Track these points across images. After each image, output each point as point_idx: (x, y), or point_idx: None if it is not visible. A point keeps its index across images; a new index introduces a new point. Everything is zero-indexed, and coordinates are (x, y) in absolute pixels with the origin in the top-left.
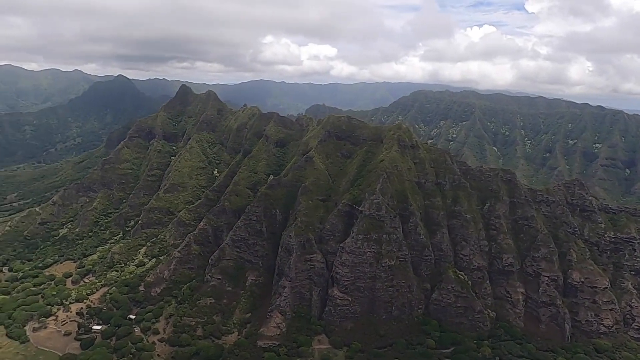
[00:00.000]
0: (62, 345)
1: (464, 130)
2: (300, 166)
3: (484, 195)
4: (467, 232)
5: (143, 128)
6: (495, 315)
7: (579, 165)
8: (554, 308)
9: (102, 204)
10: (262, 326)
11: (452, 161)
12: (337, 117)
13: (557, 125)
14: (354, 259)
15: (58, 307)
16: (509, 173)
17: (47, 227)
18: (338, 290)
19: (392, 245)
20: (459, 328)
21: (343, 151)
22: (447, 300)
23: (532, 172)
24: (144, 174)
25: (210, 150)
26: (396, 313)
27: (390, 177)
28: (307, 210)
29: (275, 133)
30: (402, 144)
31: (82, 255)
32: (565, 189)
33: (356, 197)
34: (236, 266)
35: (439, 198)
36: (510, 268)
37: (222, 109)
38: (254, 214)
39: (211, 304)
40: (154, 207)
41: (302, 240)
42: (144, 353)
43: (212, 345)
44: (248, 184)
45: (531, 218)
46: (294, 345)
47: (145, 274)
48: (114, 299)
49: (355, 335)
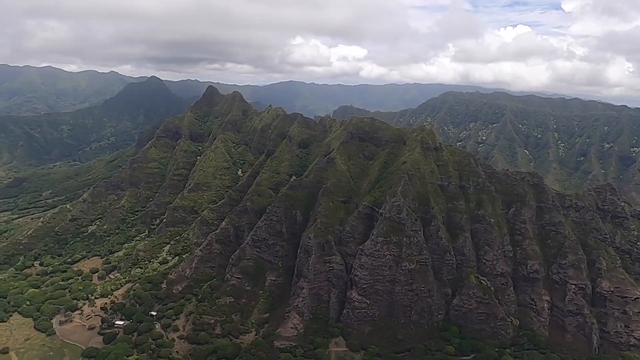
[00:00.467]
0: (85, 338)
1: (494, 133)
2: (321, 167)
3: (510, 199)
4: (491, 236)
5: (170, 128)
6: (518, 324)
7: (614, 169)
8: (581, 318)
9: (129, 202)
10: (280, 327)
11: (476, 164)
12: (360, 119)
13: (592, 128)
14: (373, 262)
15: (84, 301)
16: (536, 177)
17: (77, 224)
18: (356, 293)
19: (412, 248)
20: (480, 335)
21: (365, 152)
22: (468, 306)
23: (565, 176)
24: (169, 173)
25: (235, 150)
26: (415, 318)
27: (412, 179)
28: (327, 211)
29: (298, 134)
30: (425, 145)
31: (108, 251)
32: (596, 194)
33: (377, 199)
34: (256, 266)
35: (462, 201)
36: (536, 275)
37: (247, 109)
38: (274, 215)
39: (230, 303)
40: (178, 206)
41: (321, 241)
42: (162, 349)
43: (229, 344)
44: (270, 185)
45: (559, 224)
46: (310, 347)
47: (167, 271)
48: (137, 295)
49: (373, 339)
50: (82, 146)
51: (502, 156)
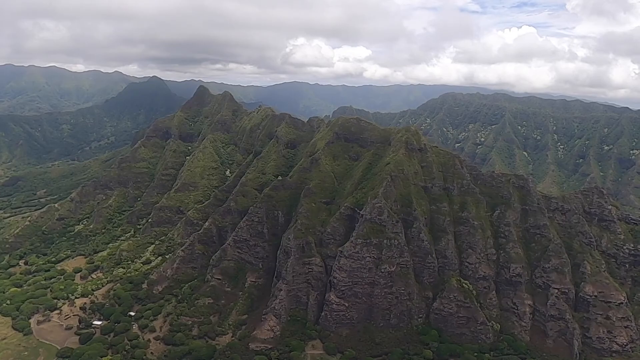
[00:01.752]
0: (62, 338)
1: (493, 134)
2: (305, 168)
3: (495, 201)
4: (474, 239)
5: (160, 128)
6: (499, 328)
7: (613, 172)
8: (562, 322)
9: (117, 202)
10: (256, 329)
11: (461, 165)
12: (346, 119)
13: (592, 130)
14: (352, 264)
15: (64, 301)
16: (521, 179)
17: (64, 223)
18: (335, 296)
19: (393, 250)
20: (460, 339)
21: (351, 153)
22: (448, 309)
23: (564, 179)
24: (158, 173)
25: (224, 150)
26: (394, 321)
27: (395, 180)
28: (308, 212)
29: (285, 134)
30: (409, 146)
31: (93, 251)
32: (583, 197)
33: (359, 201)
34: (237, 267)
35: (446, 203)
36: (518, 279)
37: (237, 109)
38: (256, 215)
39: (209, 304)
40: (164, 205)
41: (301, 243)
42: (137, 350)
43: (204, 346)
44: (256, 185)
45: (544, 227)
46: (286, 350)
47: (150, 271)
48: (117, 296)
49: (351, 342)
50: (82, 145)
51: (499, 158)
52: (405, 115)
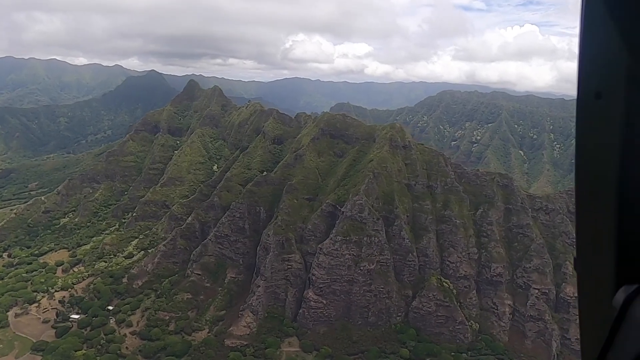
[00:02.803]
0: (38, 332)
1: (489, 133)
2: (289, 164)
3: (478, 200)
4: (456, 238)
5: (149, 122)
6: (478, 328)
7: None
8: (542, 323)
9: (103, 195)
10: (232, 325)
11: (446, 163)
12: (332, 115)
13: None
14: (330, 261)
15: (43, 294)
16: (505, 178)
17: (49, 216)
18: (313, 293)
19: (372, 248)
20: (438, 338)
21: (336, 150)
22: (427, 308)
23: (559, 178)
24: (146, 167)
25: (212, 145)
26: (373, 319)
27: (378, 177)
28: (289, 209)
29: (272, 130)
30: (394, 144)
31: (76, 244)
32: (568, 197)
33: (340, 197)
34: (217, 263)
35: (429, 201)
36: (499, 278)
37: (226, 104)
38: (237, 211)
39: (188, 300)
40: (149, 200)
41: (280, 239)
42: (112, 345)
43: (180, 341)
44: (240, 180)
45: (526, 226)
46: (261, 347)
47: (131, 266)
48: (97, 290)
49: (327, 340)
50: (78, 139)
51: (495, 157)
52: (402, 113)
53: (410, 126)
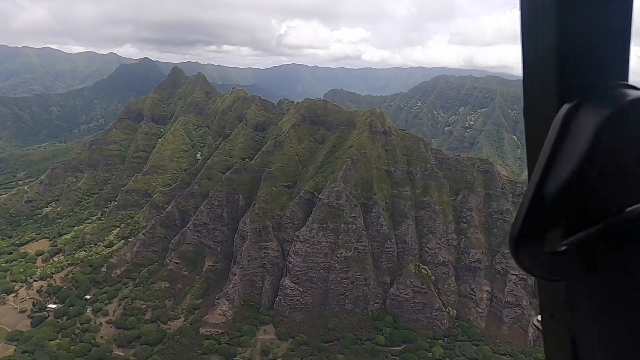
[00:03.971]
0: (14, 321)
1: (482, 118)
2: (268, 151)
3: (459, 186)
4: (435, 224)
5: (133, 110)
6: (455, 314)
7: None
8: (519, 309)
9: (87, 184)
10: (208, 313)
11: (426, 149)
12: (313, 101)
13: None
14: (307, 249)
15: (22, 284)
16: (486, 163)
17: (32, 206)
18: (289, 281)
19: (350, 235)
20: (415, 325)
21: (317, 136)
22: (404, 295)
23: None
24: (129, 156)
25: (196, 133)
26: (350, 306)
27: (357, 164)
28: (267, 196)
29: (255, 116)
30: (373, 129)
31: (57, 234)
32: None
33: (318, 185)
34: (196, 251)
35: (408, 188)
36: (478, 264)
37: (210, 91)
38: (216, 199)
39: (165, 288)
40: (131, 188)
41: (257, 227)
42: (87, 334)
43: (155, 330)
44: (222, 168)
45: (506, 212)
46: (237, 334)
47: (111, 255)
48: (75, 279)
49: (303, 328)
50: (70, 128)
51: (488, 142)
52: (396, 98)
53: (404, 112)
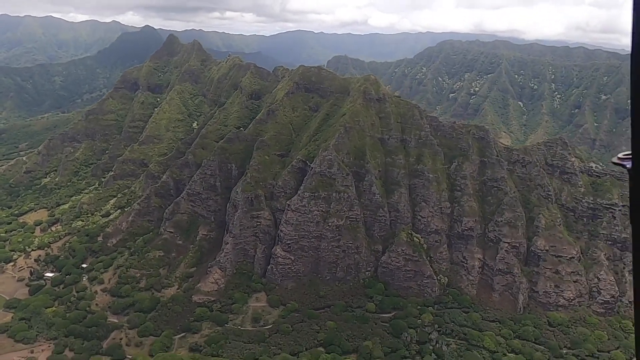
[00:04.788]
0: (13, 290)
1: (488, 84)
2: (262, 119)
3: (453, 153)
4: (428, 192)
5: (129, 79)
6: (447, 282)
7: (608, 122)
8: (510, 277)
9: (84, 155)
10: (201, 281)
11: (421, 116)
12: (307, 68)
13: (591, 79)
14: (298, 217)
15: (20, 253)
16: (482, 130)
17: (31, 176)
18: (281, 249)
19: (342, 204)
20: (406, 293)
21: (311, 104)
22: (396, 263)
23: (557, 130)
24: (126, 126)
25: (192, 102)
26: (341, 274)
27: (350, 132)
28: (260, 165)
29: (249, 84)
30: (367, 97)
31: (56, 204)
32: (546, 149)
33: (311, 153)
34: (190, 220)
35: (402, 156)
36: (470, 232)
37: (206, 59)
38: (209, 168)
39: (159, 257)
40: (127, 158)
41: (249, 196)
42: (82, 302)
43: (148, 298)
44: (216, 137)
45: (501, 179)
46: (229, 302)
47: (107, 224)
48: (72, 248)
49: (295, 295)
50: (73, 98)
51: (492, 109)
52: (401, 65)
53: (409, 78)
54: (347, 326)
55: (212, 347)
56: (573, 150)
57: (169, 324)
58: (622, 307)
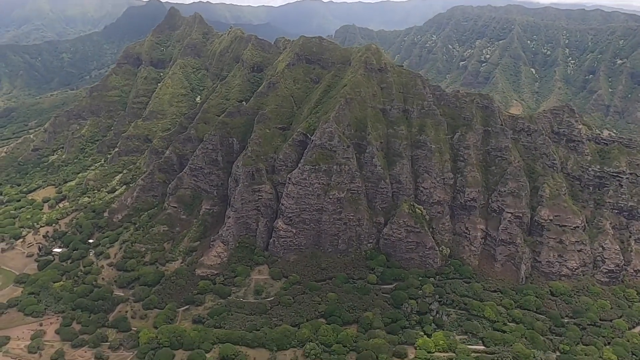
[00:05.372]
0: (22, 265)
1: (499, 50)
2: (262, 92)
3: (457, 123)
4: (431, 163)
5: (131, 54)
6: (449, 253)
7: (623, 88)
8: (512, 247)
9: (90, 132)
10: (204, 255)
11: (423, 85)
12: (308, 39)
13: (607, 43)
14: (299, 191)
15: (29, 230)
16: (486, 98)
17: (38, 154)
18: (282, 222)
19: (343, 176)
20: (407, 264)
21: (312, 76)
22: (397, 235)
23: (570, 97)
24: (130, 102)
25: (195, 76)
26: (343, 247)
27: (350, 103)
28: (260, 139)
29: (251, 57)
30: (369, 67)
31: (63, 181)
32: (552, 117)
33: (311, 126)
34: (193, 195)
35: (404, 126)
36: (473, 203)
37: (208, 32)
38: (210, 143)
39: (164, 232)
40: (132, 134)
41: (250, 170)
42: (89, 276)
43: (152, 272)
44: (218, 112)
45: (505, 149)
46: (231, 275)
47: (112, 200)
48: (79, 224)
49: (297, 268)
50: (82, 74)
51: (503, 76)
52: (410, 33)
53: (418, 47)
54: (348, 298)
55: (215, 319)
56: (581, 118)
57: (172, 297)
58: (627, 276)
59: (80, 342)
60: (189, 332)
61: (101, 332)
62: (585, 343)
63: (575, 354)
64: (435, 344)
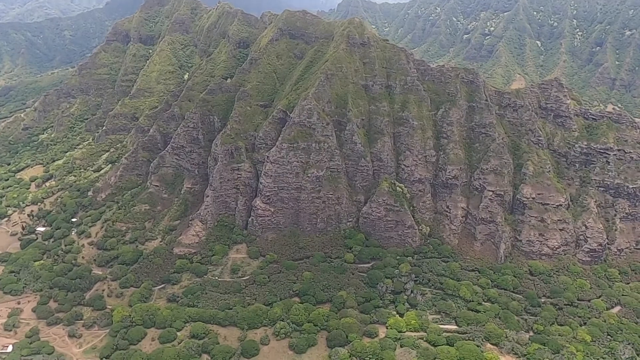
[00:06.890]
0: (5, 244)
1: (503, 23)
2: (245, 69)
3: (441, 99)
4: (412, 140)
5: (120, 31)
6: (429, 231)
7: (631, 60)
8: (493, 226)
9: (79, 110)
10: (182, 234)
11: (407, 60)
12: (292, 13)
13: (615, 13)
14: (277, 169)
15: (15, 209)
16: (471, 73)
17: (29, 133)
18: (260, 201)
19: (322, 154)
20: (386, 243)
21: (296, 51)
22: (377, 213)
23: (575, 70)
24: (119, 79)
25: (183, 53)
26: (321, 225)
27: (331, 79)
28: (241, 117)
29: (237, 33)
30: (351, 41)
31: (51, 159)
32: (541, 91)
33: (291, 103)
34: (175, 174)
35: (386, 103)
36: (454, 181)
37: (196, 7)
38: (191, 121)
39: (145, 211)
40: (118, 113)
41: (229, 148)
42: (69, 255)
43: (131, 250)
44: (202, 89)
45: (489, 125)
46: (209, 254)
47: (97, 179)
48: (64, 203)
49: (275, 246)
50: (84, 52)
51: (507, 50)
52: (414, 6)
53: (422, 20)
54: (323, 277)
55: (189, 297)
56: (570, 92)
57: (149, 276)
58: (611, 255)
59: (55, 320)
60: (162, 310)
61: (76, 310)
62: (560, 323)
63: (548, 333)
64: (406, 324)
